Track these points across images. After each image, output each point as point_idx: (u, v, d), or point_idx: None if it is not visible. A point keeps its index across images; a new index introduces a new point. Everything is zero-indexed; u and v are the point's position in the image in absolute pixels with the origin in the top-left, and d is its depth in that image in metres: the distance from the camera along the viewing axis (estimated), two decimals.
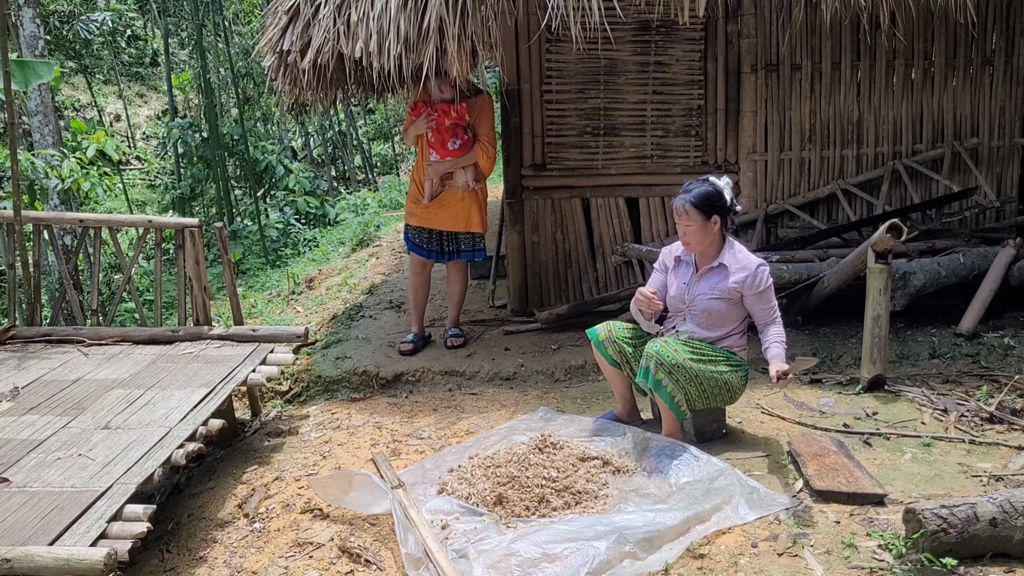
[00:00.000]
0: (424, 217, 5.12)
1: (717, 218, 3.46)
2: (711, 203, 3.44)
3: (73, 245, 7.85)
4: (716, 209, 3.45)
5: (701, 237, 3.50)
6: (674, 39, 5.41)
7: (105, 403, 3.82)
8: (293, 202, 13.37)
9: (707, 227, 3.47)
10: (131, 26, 21.03)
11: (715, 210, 3.45)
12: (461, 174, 5.03)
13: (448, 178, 5.04)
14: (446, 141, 4.95)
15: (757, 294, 3.51)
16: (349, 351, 5.27)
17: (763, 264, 3.53)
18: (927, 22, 5.36)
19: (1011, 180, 5.67)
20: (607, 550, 2.69)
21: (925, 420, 3.79)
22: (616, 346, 3.66)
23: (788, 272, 4.88)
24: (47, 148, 8.47)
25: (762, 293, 3.52)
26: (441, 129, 4.93)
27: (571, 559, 2.67)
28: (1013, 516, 2.59)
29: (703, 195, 3.44)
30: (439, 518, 3.16)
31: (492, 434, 3.80)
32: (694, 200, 3.44)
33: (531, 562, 2.69)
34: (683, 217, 3.48)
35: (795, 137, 5.54)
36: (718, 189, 3.48)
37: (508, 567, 2.70)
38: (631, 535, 2.77)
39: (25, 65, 5.11)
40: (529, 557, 2.71)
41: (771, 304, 3.56)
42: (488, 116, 5.10)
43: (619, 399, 3.87)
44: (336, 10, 4.49)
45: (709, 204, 3.44)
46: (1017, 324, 4.93)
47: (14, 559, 2.50)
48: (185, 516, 3.60)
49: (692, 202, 3.44)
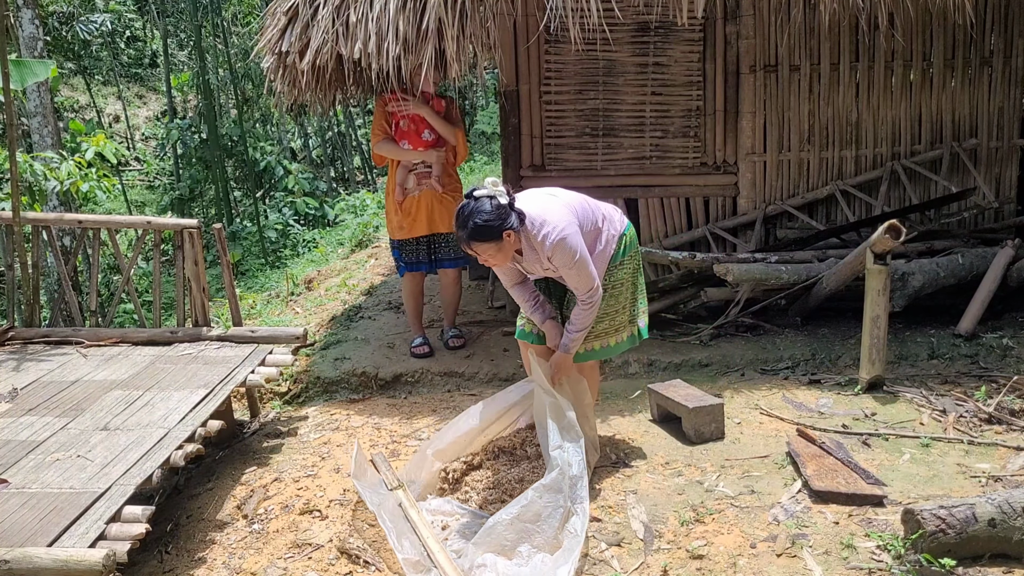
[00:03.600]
0: (408, 227, 5.02)
1: (508, 232, 3.02)
2: (491, 229, 2.99)
3: (72, 246, 7.85)
4: (501, 227, 3.00)
5: (506, 255, 3.11)
6: (673, 40, 5.41)
7: (104, 404, 3.82)
8: (292, 203, 13.37)
9: (504, 245, 3.05)
10: (130, 27, 21.01)
11: (501, 229, 3.00)
12: (437, 166, 4.95)
13: (424, 177, 4.95)
14: (420, 131, 4.90)
15: (564, 270, 3.17)
16: (348, 352, 5.27)
17: (552, 235, 3.05)
18: (925, 23, 5.36)
19: (1010, 181, 5.67)
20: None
21: (924, 421, 3.79)
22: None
23: (787, 273, 4.89)
24: (46, 149, 8.47)
25: (566, 268, 3.14)
26: (416, 119, 4.89)
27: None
28: (1012, 517, 2.59)
29: (478, 229, 2.99)
30: (439, 519, 3.17)
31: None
32: (474, 236, 3.01)
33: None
34: (475, 253, 3.08)
35: (794, 138, 5.55)
36: (489, 208, 2.99)
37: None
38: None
39: (21, 64, 5.10)
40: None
41: (574, 279, 3.16)
42: (455, 111, 5.05)
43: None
44: (335, 11, 4.49)
45: (490, 231, 2.99)
46: (1016, 325, 4.93)
47: (13, 560, 2.50)
48: (184, 517, 3.60)
49: (474, 239, 3.01)
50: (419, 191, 4.98)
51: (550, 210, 3.14)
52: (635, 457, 3.61)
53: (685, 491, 3.28)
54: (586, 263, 3.14)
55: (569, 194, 3.37)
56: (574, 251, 3.08)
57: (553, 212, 3.13)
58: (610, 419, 4.03)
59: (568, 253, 3.07)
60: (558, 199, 3.26)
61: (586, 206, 3.34)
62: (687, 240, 5.61)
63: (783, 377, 4.50)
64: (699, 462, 3.52)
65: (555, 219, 3.10)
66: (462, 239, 3.05)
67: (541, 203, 3.18)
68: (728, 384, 4.41)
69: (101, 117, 18.86)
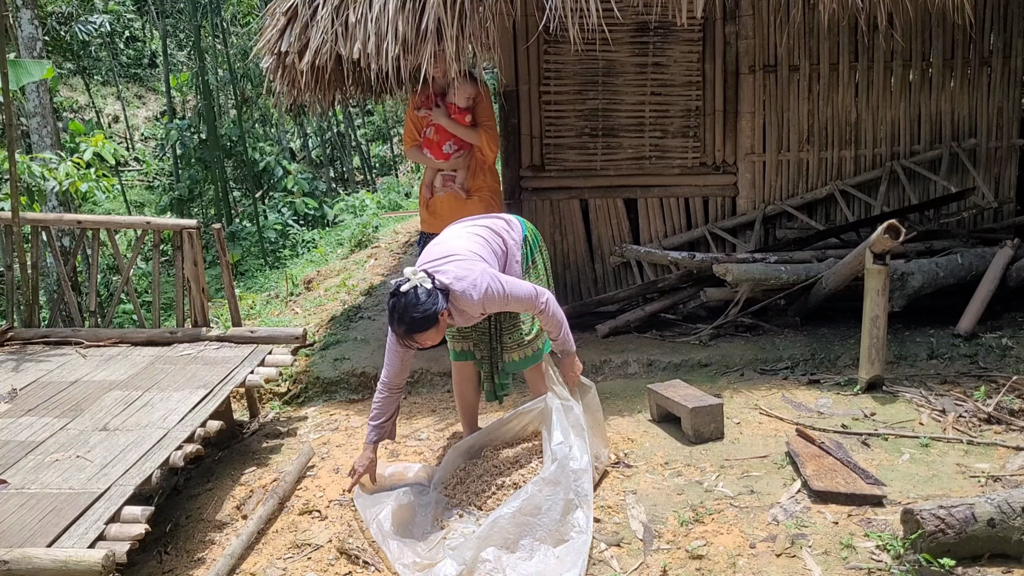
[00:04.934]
0: (432, 224, 5.06)
1: (442, 313, 3.02)
2: (429, 317, 2.98)
3: (71, 246, 7.85)
4: (436, 311, 2.99)
5: (442, 331, 3.10)
6: (672, 40, 5.41)
7: (103, 404, 3.82)
8: (291, 203, 13.37)
9: (441, 325, 3.05)
10: (129, 27, 21.03)
11: (437, 313, 2.99)
12: (462, 172, 5.00)
13: (450, 180, 5.00)
14: (443, 142, 4.92)
15: (503, 307, 3.27)
16: (347, 352, 5.27)
17: (473, 292, 3.09)
18: (925, 23, 5.36)
19: (1009, 181, 5.67)
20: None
21: (923, 421, 3.79)
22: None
23: (786, 273, 4.89)
24: (45, 150, 8.47)
25: (503, 306, 3.23)
26: (440, 130, 4.91)
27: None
28: (1011, 516, 2.59)
29: (418, 322, 2.98)
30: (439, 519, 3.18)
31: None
32: (416, 329, 3.00)
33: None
34: (418, 343, 3.08)
35: (793, 138, 5.55)
36: (421, 299, 2.97)
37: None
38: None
39: (17, 64, 5.08)
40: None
41: (516, 306, 3.27)
42: (484, 104, 4.99)
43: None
44: (334, 11, 4.49)
45: (429, 319, 2.98)
46: (1015, 325, 4.93)
47: (12, 561, 2.50)
48: (183, 517, 3.60)
49: (416, 331, 3.01)
50: (444, 192, 5.04)
51: (460, 271, 3.13)
52: (635, 457, 3.62)
53: (685, 491, 3.28)
54: (515, 288, 3.18)
55: (468, 229, 3.42)
56: (499, 291, 3.12)
57: (463, 272, 3.13)
58: (610, 419, 4.03)
59: (496, 297, 3.12)
60: (457, 256, 3.21)
61: (489, 232, 3.41)
62: (686, 240, 5.62)
63: (782, 377, 4.50)
64: (699, 462, 3.52)
65: (466, 275, 3.11)
66: (402, 335, 3.03)
67: (450, 269, 3.14)
68: (727, 384, 4.41)
69: (100, 117, 18.87)
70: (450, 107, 4.86)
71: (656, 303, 5.34)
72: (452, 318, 3.17)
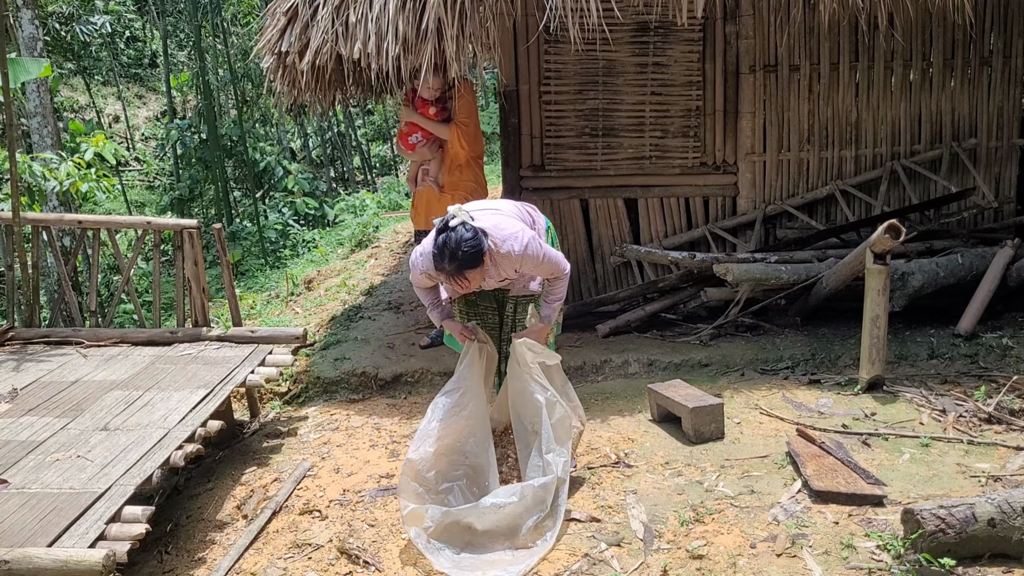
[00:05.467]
0: (419, 220, 5.26)
1: (486, 253, 3.06)
2: (478, 253, 3.01)
3: (72, 246, 7.85)
4: (483, 250, 3.03)
5: (483, 275, 3.14)
6: (672, 40, 5.41)
7: (104, 404, 3.82)
8: (292, 203, 13.37)
9: (485, 267, 3.09)
10: (130, 27, 21.03)
11: (483, 251, 3.02)
12: (435, 164, 5.14)
13: (426, 175, 5.17)
14: (410, 134, 5.12)
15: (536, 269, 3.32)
16: (348, 352, 5.27)
17: (516, 246, 3.14)
18: (925, 23, 5.36)
19: (1009, 181, 5.67)
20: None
21: (923, 420, 3.79)
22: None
23: (787, 273, 4.89)
24: (46, 150, 8.47)
25: (536, 267, 3.29)
26: (410, 123, 5.12)
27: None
28: (1011, 516, 2.59)
29: (469, 257, 3.00)
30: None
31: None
32: (467, 264, 3.01)
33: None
34: (470, 281, 3.08)
35: (793, 138, 5.55)
36: (470, 235, 3.00)
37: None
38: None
39: (15, 63, 5.07)
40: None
41: (546, 270, 3.32)
42: (464, 101, 5.02)
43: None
44: (334, 11, 4.49)
45: (478, 255, 3.02)
46: (1015, 324, 4.93)
47: (13, 560, 2.50)
48: (184, 517, 3.60)
49: (467, 267, 3.01)
50: (423, 187, 5.18)
51: (502, 223, 3.19)
52: (635, 457, 3.62)
53: (685, 491, 3.28)
54: (550, 250, 3.28)
55: (503, 202, 3.53)
56: (537, 249, 3.20)
57: (505, 225, 3.19)
58: (610, 419, 4.03)
59: (535, 256, 3.19)
60: (500, 211, 3.33)
61: (522, 209, 3.49)
62: (687, 240, 5.61)
63: (783, 377, 4.50)
64: (699, 462, 3.52)
65: (512, 231, 3.16)
66: (453, 271, 3.02)
67: (492, 219, 3.20)
68: (728, 384, 4.41)
69: (101, 117, 18.87)
70: (418, 100, 5.06)
71: (656, 303, 5.34)
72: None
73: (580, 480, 3.44)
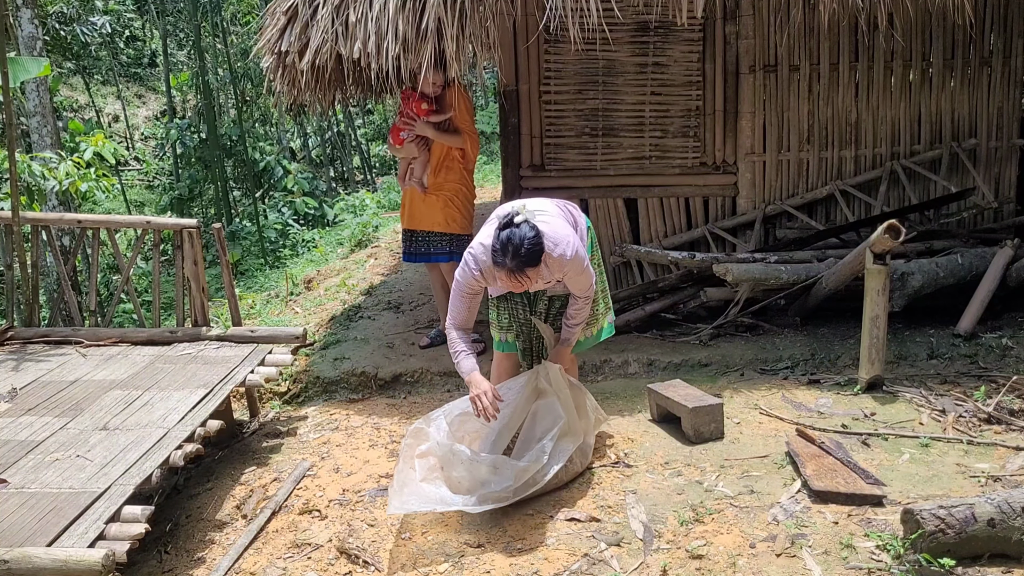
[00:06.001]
0: (405, 218, 5.23)
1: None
2: (539, 252, 3.01)
3: (71, 246, 7.85)
4: (543, 249, 3.03)
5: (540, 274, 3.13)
6: (672, 40, 5.41)
7: (103, 404, 3.82)
8: (291, 203, 13.36)
9: (540, 269, 3.09)
10: (129, 27, 21.02)
11: (543, 251, 3.02)
12: (419, 165, 5.05)
13: (412, 175, 5.12)
14: (401, 129, 5.04)
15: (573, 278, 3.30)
16: (347, 352, 5.27)
17: (568, 252, 3.14)
18: (925, 23, 5.36)
19: (1009, 181, 5.67)
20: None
21: (923, 421, 3.79)
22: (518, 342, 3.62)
23: (786, 273, 4.89)
24: (45, 149, 8.46)
25: (575, 275, 3.27)
26: (403, 118, 5.02)
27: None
28: (1011, 516, 2.59)
29: (532, 254, 2.99)
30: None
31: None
32: (529, 262, 3.00)
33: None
34: (530, 279, 3.06)
35: (793, 138, 5.55)
36: (532, 233, 3.00)
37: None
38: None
39: (14, 62, 5.06)
40: None
41: (580, 283, 3.32)
42: (461, 103, 5.00)
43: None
44: (334, 11, 4.49)
45: (538, 254, 3.01)
46: (1015, 324, 4.93)
47: (12, 560, 2.50)
48: (183, 517, 3.60)
49: (529, 264, 3.00)
50: (409, 184, 5.14)
51: (556, 227, 3.19)
52: (635, 457, 3.62)
53: (685, 491, 3.28)
54: (590, 268, 3.28)
55: (545, 202, 3.44)
56: (583, 261, 3.22)
57: (559, 229, 3.19)
58: (610, 419, 4.03)
59: (579, 264, 3.20)
60: (548, 212, 3.29)
61: (564, 209, 3.46)
62: (686, 240, 5.61)
63: (782, 377, 4.50)
64: (699, 462, 3.52)
65: (564, 236, 3.17)
66: (514, 269, 2.98)
67: (547, 219, 3.23)
68: (728, 384, 4.41)
69: (100, 117, 18.86)
70: (414, 96, 4.95)
71: (656, 303, 5.33)
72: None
73: (580, 480, 3.44)
